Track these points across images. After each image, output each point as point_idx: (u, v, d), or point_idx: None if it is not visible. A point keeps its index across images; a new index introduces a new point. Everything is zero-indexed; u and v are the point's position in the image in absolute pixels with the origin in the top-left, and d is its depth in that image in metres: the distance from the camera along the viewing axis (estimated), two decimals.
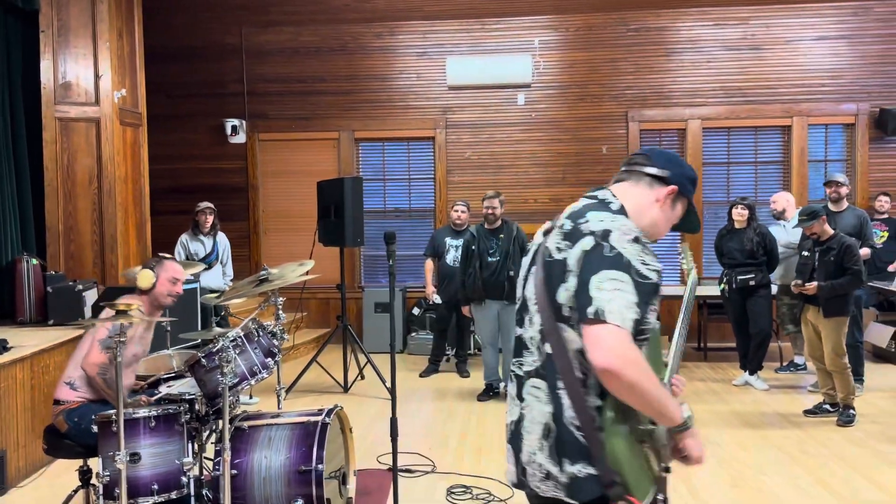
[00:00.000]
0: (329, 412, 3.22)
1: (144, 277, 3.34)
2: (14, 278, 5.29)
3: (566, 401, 1.62)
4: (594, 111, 8.22)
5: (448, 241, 6.69)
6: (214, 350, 2.96)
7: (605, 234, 1.60)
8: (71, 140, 5.89)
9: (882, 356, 6.95)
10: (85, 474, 3.33)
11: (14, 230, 5.85)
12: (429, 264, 6.86)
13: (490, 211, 5.75)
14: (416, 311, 8.06)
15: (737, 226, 6.09)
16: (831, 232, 5.07)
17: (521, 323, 1.78)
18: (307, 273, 3.64)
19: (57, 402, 3.28)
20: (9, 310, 5.40)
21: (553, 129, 8.25)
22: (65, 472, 4.23)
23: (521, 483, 1.73)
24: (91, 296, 5.35)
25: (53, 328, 5.04)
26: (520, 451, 1.70)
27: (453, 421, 5.24)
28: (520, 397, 1.73)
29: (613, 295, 1.52)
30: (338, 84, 8.43)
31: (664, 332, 2.36)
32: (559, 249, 1.65)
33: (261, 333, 3.24)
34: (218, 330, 3.66)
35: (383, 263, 8.60)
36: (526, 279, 1.79)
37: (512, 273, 5.52)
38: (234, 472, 3.00)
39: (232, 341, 3.03)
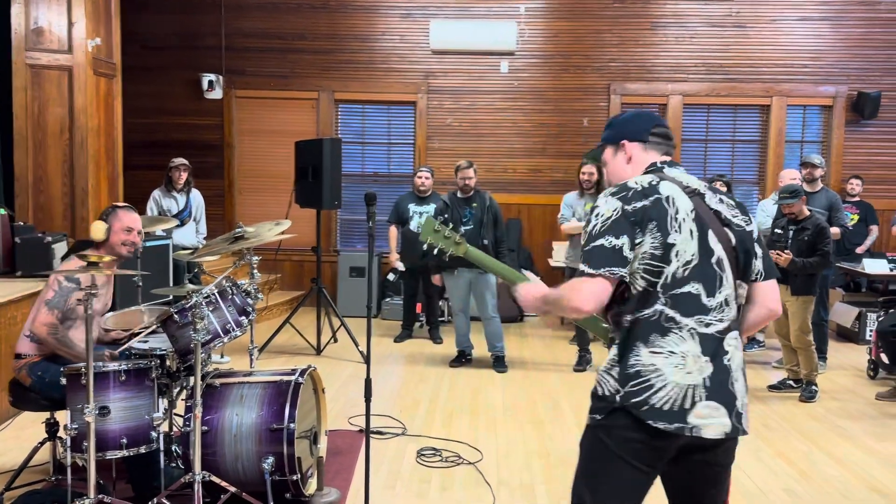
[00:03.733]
0: (302, 372, 3.22)
1: (97, 229, 3.25)
2: None
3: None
4: (577, 83, 8.18)
5: (412, 207, 6.65)
6: (188, 306, 2.93)
7: None
8: (42, 88, 5.73)
9: (845, 335, 7.10)
10: (52, 427, 3.31)
11: None
12: (392, 231, 6.78)
13: (467, 181, 5.70)
14: (391, 276, 8.03)
15: None
16: (808, 212, 5.13)
17: (710, 282, 1.84)
18: (283, 233, 3.60)
19: (18, 355, 3.22)
20: None
21: (535, 99, 8.21)
22: (30, 424, 4.19)
23: (734, 430, 1.82)
24: (60, 248, 5.24)
25: (21, 279, 4.94)
26: (734, 400, 1.82)
27: (425, 385, 5.27)
28: (718, 352, 1.82)
29: None
30: (318, 43, 8.28)
31: None
32: (745, 222, 1.95)
33: (235, 291, 3.20)
34: (191, 286, 3.63)
35: (360, 227, 8.56)
36: (705, 239, 1.85)
37: (486, 242, 5.51)
38: (205, 428, 2.99)
39: (206, 298, 3.00)
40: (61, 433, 3.28)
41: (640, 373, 1.81)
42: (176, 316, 2.94)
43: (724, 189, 6.10)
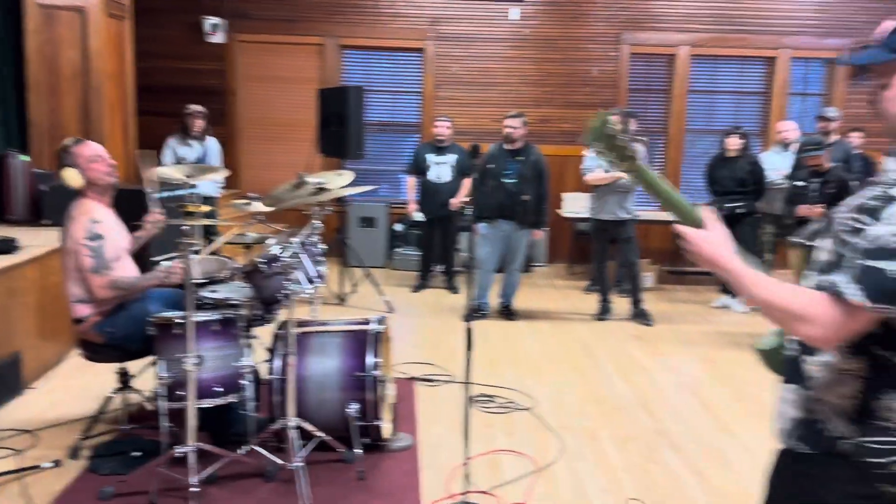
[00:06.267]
0: (379, 321, 3.25)
1: (70, 176, 3.18)
2: (3, 175, 5.03)
3: None
4: (586, 31, 8.12)
5: (430, 157, 6.63)
6: (275, 256, 2.92)
7: None
8: (55, 31, 5.51)
9: None
10: (124, 376, 3.31)
11: None
12: (411, 181, 6.81)
13: (511, 131, 5.66)
14: (398, 227, 8.04)
15: (729, 154, 6.22)
16: (829, 165, 5.25)
17: None
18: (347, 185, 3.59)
19: (78, 320, 3.19)
20: None
21: (544, 48, 8.14)
22: (75, 373, 4.19)
23: None
24: None
25: (49, 228, 4.84)
26: None
27: (457, 335, 5.32)
28: None
29: None
30: None
31: None
32: None
33: (311, 243, 3.20)
34: (253, 236, 3.61)
35: (366, 178, 8.47)
36: None
37: (526, 197, 5.52)
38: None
39: (293, 249, 2.99)
40: (133, 383, 3.30)
41: (889, 431, 1.40)
42: (263, 266, 2.93)
43: (742, 142, 6.18)
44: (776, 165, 6.25)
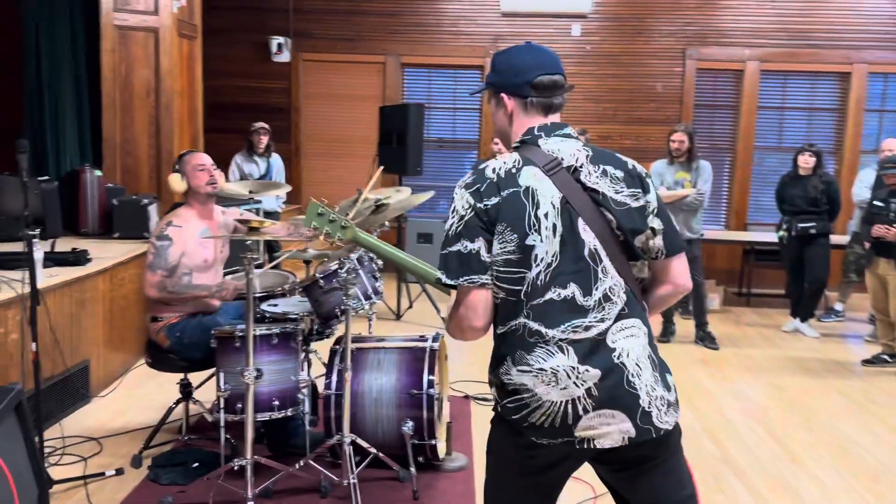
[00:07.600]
0: (435, 338, 3.23)
1: (174, 180, 3.29)
2: (78, 189, 5.22)
3: (647, 325, 1.71)
4: (651, 47, 7.99)
5: None
6: (338, 272, 2.92)
7: (648, 175, 1.73)
8: (129, 50, 5.72)
9: None
10: (185, 388, 3.36)
11: (73, 141, 5.75)
12: None
13: None
14: None
15: (801, 172, 5.99)
16: None
17: (582, 280, 1.60)
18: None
19: (155, 318, 3.27)
20: (69, 220, 5.34)
21: (607, 64, 8.04)
22: (140, 383, 4.29)
23: (641, 432, 1.59)
24: (153, 211, 5.29)
25: (119, 241, 5.00)
26: (636, 400, 1.59)
27: None
28: (603, 353, 1.59)
29: None
30: (386, 5, 8.16)
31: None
32: (632, 197, 1.66)
33: (367, 259, 3.20)
34: (312, 252, 3.63)
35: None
36: (573, 232, 1.59)
37: None
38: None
39: (349, 263, 2.99)
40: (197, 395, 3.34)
41: (515, 391, 1.62)
42: (321, 281, 2.95)
43: (815, 160, 5.92)
44: (872, 184, 5.95)
